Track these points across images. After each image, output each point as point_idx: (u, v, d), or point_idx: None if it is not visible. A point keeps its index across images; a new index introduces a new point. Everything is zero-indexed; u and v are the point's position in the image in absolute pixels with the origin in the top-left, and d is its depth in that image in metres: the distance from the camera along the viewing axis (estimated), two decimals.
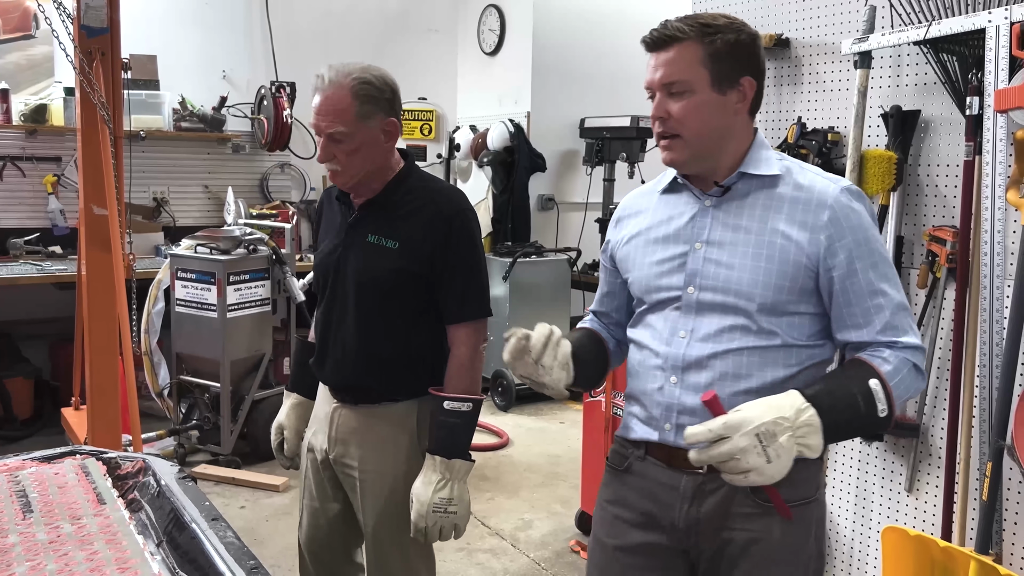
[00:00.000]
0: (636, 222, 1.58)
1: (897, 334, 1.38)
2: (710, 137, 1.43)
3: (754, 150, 1.47)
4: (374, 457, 1.95)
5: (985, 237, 2.07)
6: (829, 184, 1.43)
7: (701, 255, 1.46)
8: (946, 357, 2.29)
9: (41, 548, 1.30)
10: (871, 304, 1.39)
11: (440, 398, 1.87)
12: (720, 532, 1.46)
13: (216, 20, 5.63)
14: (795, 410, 1.27)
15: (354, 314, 1.93)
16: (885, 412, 1.33)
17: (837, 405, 1.30)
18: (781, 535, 1.43)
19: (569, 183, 6.17)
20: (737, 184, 1.46)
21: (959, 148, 2.23)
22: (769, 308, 1.41)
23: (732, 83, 1.42)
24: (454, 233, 1.88)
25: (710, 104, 1.41)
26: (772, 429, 1.24)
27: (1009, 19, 1.99)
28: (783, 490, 1.38)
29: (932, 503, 2.36)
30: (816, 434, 1.27)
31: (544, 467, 4.38)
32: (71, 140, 4.81)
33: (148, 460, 1.62)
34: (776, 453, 1.24)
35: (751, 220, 1.44)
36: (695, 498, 1.47)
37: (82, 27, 3.23)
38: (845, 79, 2.53)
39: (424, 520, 1.84)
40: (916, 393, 1.44)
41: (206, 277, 4.12)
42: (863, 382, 1.33)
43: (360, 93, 1.81)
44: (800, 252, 1.40)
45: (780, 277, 1.40)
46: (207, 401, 4.25)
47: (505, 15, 6.12)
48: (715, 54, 1.40)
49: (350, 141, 1.83)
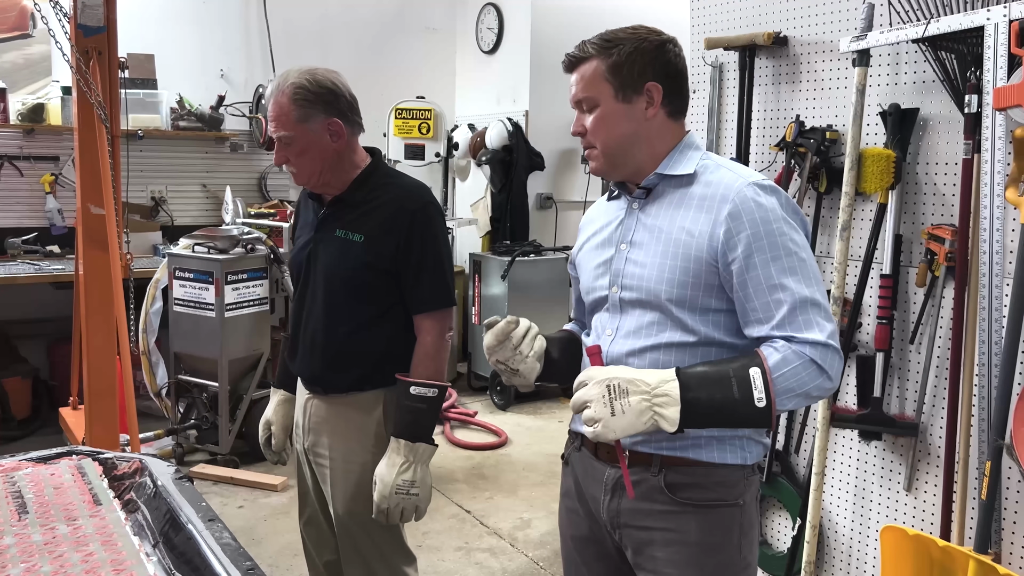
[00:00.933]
0: (588, 230, 1.67)
1: (796, 329, 1.36)
2: (620, 144, 1.50)
3: (677, 151, 1.52)
4: (342, 445, 2.03)
5: (984, 235, 2.06)
6: (736, 179, 1.45)
7: (624, 256, 1.52)
8: (945, 356, 2.28)
9: (36, 549, 1.29)
10: (771, 299, 1.38)
11: (407, 383, 1.94)
12: (640, 530, 1.50)
13: (214, 19, 5.62)
14: (658, 379, 1.32)
15: (323, 307, 2.01)
16: (763, 402, 1.31)
17: (705, 384, 1.31)
18: (699, 535, 1.47)
19: (567, 182, 6.17)
20: (658, 185, 1.52)
21: (958, 146, 2.23)
22: (678, 302, 1.44)
23: (636, 90, 1.48)
24: (417, 226, 1.96)
25: (615, 114, 1.49)
26: (625, 387, 1.30)
27: (1008, 17, 1.98)
28: (693, 490, 1.46)
29: (931, 502, 2.36)
30: (673, 406, 1.30)
31: (543, 466, 4.37)
32: (68, 139, 4.82)
33: (145, 460, 1.61)
34: (622, 409, 1.29)
35: (663, 219, 1.49)
36: (615, 490, 1.53)
37: (79, 26, 3.23)
38: (843, 77, 2.53)
39: (386, 501, 1.91)
40: (816, 391, 1.35)
41: (204, 276, 4.11)
42: (743, 368, 1.32)
43: (296, 98, 1.91)
44: (700, 247, 1.42)
45: (683, 273, 1.43)
46: (205, 400, 4.24)
47: (503, 14, 6.12)
48: (613, 66, 1.47)
49: (295, 144, 1.93)
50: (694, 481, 1.47)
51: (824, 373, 1.35)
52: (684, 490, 1.47)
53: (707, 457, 1.47)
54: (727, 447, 1.48)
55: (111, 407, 3.26)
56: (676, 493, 1.47)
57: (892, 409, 2.43)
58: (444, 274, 2.02)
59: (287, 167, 1.97)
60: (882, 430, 2.41)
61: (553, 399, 5.51)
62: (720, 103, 2.91)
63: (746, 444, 1.50)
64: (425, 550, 3.36)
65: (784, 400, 1.33)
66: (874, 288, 2.43)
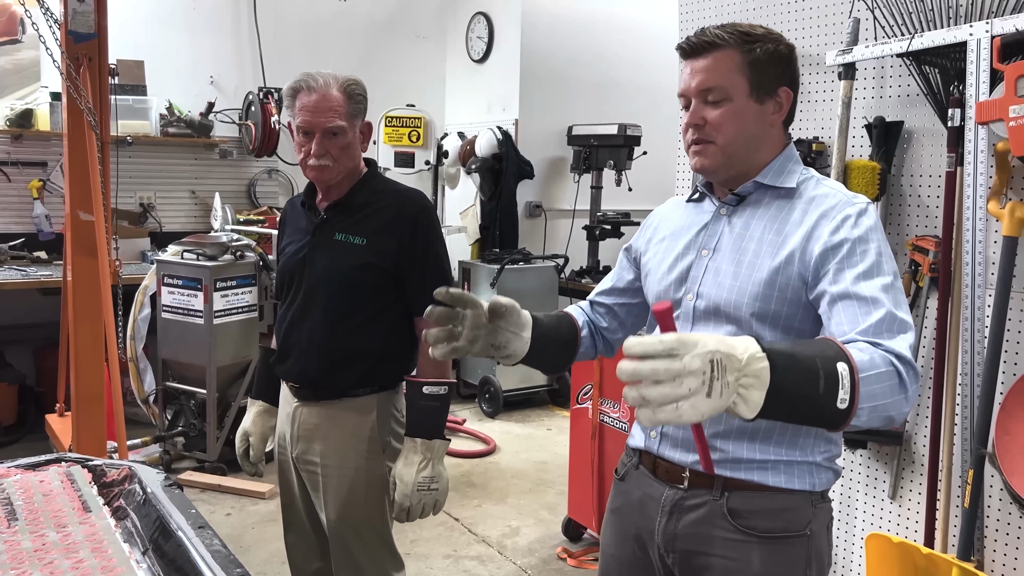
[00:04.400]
0: (661, 229, 1.59)
1: (883, 338, 1.21)
2: (744, 145, 1.42)
3: (779, 161, 1.45)
4: (336, 451, 2.04)
5: (967, 247, 2.09)
6: (840, 197, 1.39)
7: (705, 263, 1.45)
8: (929, 366, 2.31)
9: (26, 556, 1.29)
10: (859, 311, 1.27)
11: (419, 383, 1.98)
12: (697, 556, 1.43)
13: (204, 25, 5.62)
14: (748, 355, 1.04)
15: (320, 310, 2.02)
16: (845, 404, 1.11)
17: (795, 371, 1.08)
18: (761, 567, 1.38)
19: (557, 190, 6.19)
20: (753, 194, 1.45)
21: (941, 159, 2.26)
22: (759, 316, 1.36)
23: (770, 93, 1.41)
24: (420, 229, 2.01)
25: (747, 112, 1.40)
26: (725, 363, 1.02)
27: (990, 32, 2.02)
28: (757, 518, 1.37)
29: (915, 510, 2.38)
30: (760, 389, 1.04)
31: (531, 474, 4.38)
32: (57, 145, 4.80)
33: (134, 468, 1.61)
34: (719, 391, 1.01)
35: (757, 230, 1.42)
36: (673, 512, 1.45)
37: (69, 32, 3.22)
38: (830, 90, 2.56)
39: (408, 499, 1.92)
40: (894, 410, 1.17)
41: (193, 283, 4.10)
42: (831, 362, 1.11)
43: (351, 93, 1.98)
44: (792, 261, 1.36)
45: (769, 286, 1.36)
46: (193, 408, 4.23)
47: (493, 22, 6.14)
48: (754, 63, 1.38)
49: (343, 136, 1.97)
50: (759, 508, 1.39)
51: (904, 390, 1.17)
52: (748, 517, 1.39)
53: (774, 482, 1.39)
54: (795, 472, 1.40)
55: (99, 414, 3.24)
56: (738, 520, 1.39)
57: None
58: (446, 275, 2.05)
59: (321, 160, 1.96)
60: (867, 439, 2.43)
61: (542, 407, 5.52)
62: None
63: (815, 470, 1.41)
64: (414, 558, 3.36)
65: (864, 408, 1.13)
66: None
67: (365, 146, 2.06)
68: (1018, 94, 1.92)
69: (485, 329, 1.39)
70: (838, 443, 1.48)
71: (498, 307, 1.39)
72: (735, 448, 1.40)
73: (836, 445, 1.46)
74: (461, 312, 1.37)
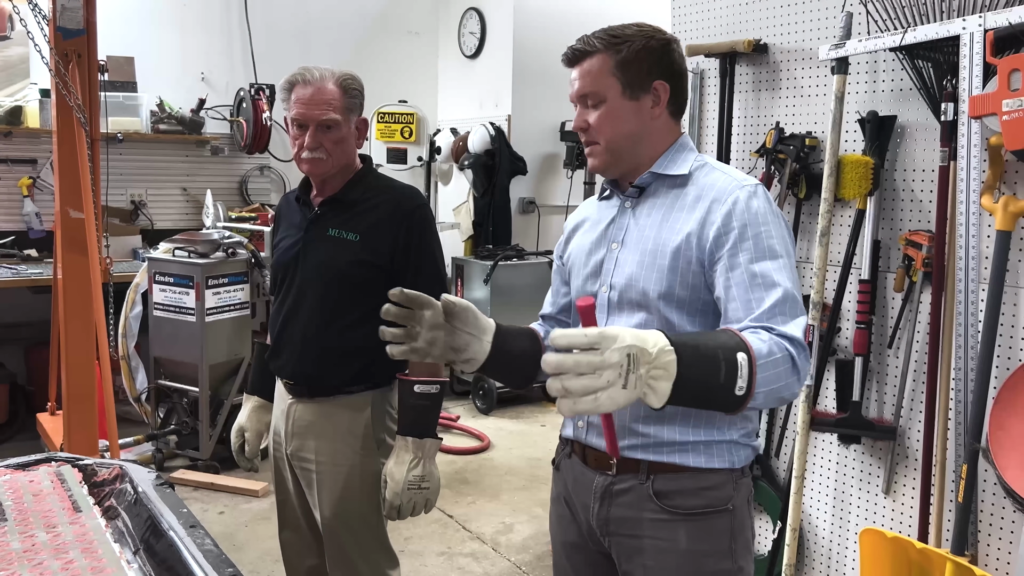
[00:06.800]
0: (578, 229, 1.66)
1: (776, 324, 1.31)
2: (624, 142, 1.49)
3: (672, 151, 1.52)
4: (330, 448, 2.04)
5: (960, 241, 2.09)
6: (730, 182, 1.45)
7: (616, 255, 1.52)
8: (922, 360, 2.31)
9: (16, 557, 1.28)
10: (753, 296, 1.35)
11: (410, 382, 1.96)
12: (630, 538, 1.49)
13: (194, 22, 5.59)
14: (657, 349, 1.12)
15: (313, 306, 2.02)
16: (743, 390, 1.20)
17: (698, 363, 1.16)
18: (688, 543, 1.45)
19: (550, 186, 6.19)
20: (652, 185, 1.52)
21: (934, 153, 2.26)
22: (665, 299, 1.43)
23: (644, 89, 1.47)
24: (415, 225, 2.01)
25: (622, 111, 1.47)
26: (639, 356, 1.10)
27: (983, 26, 2.01)
28: (681, 497, 1.44)
29: (909, 505, 2.39)
30: (667, 380, 1.12)
31: (525, 470, 4.38)
32: (47, 142, 4.77)
33: (125, 467, 1.60)
34: (633, 383, 1.09)
35: (656, 218, 1.48)
36: (604, 498, 1.52)
37: (58, 29, 3.20)
38: (822, 84, 2.55)
39: (399, 498, 1.92)
40: (787, 392, 1.28)
41: (184, 281, 4.08)
42: (732, 352, 1.20)
43: (347, 87, 1.98)
44: (690, 246, 1.42)
45: (672, 272, 1.43)
46: (185, 406, 4.21)
47: (486, 18, 6.13)
48: (622, 63, 1.46)
49: (338, 130, 1.96)
50: (682, 488, 1.46)
51: (797, 372, 1.28)
52: (672, 497, 1.46)
53: (694, 463, 1.46)
54: (714, 452, 1.47)
55: (90, 412, 3.23)
56: (664, 501, 1.46)
57: (871, 413, 2.45)
58: (440, 272, 2.06)
59: (314, 153, 1.96)
60: (861, 434, 2.43)
61: (536, 403, 5.52)
62: (701, 109, 2.93)
63: (734, 449, 1.49)
64: (408, 555, 3.35)
65: (760, 393, 1.23)
66: (853, 293, 2.46)
67: (360, 142, 2.06)
68: (1011, 88, 1.92)
69: (444, 330, 1.40)
70: (753, 420, 1.55)
71: (450, 306, 1.40)
72: (656, 431, 1.46)
73: (751, 422, 1.53)
74: (418, 312, 1.38)
